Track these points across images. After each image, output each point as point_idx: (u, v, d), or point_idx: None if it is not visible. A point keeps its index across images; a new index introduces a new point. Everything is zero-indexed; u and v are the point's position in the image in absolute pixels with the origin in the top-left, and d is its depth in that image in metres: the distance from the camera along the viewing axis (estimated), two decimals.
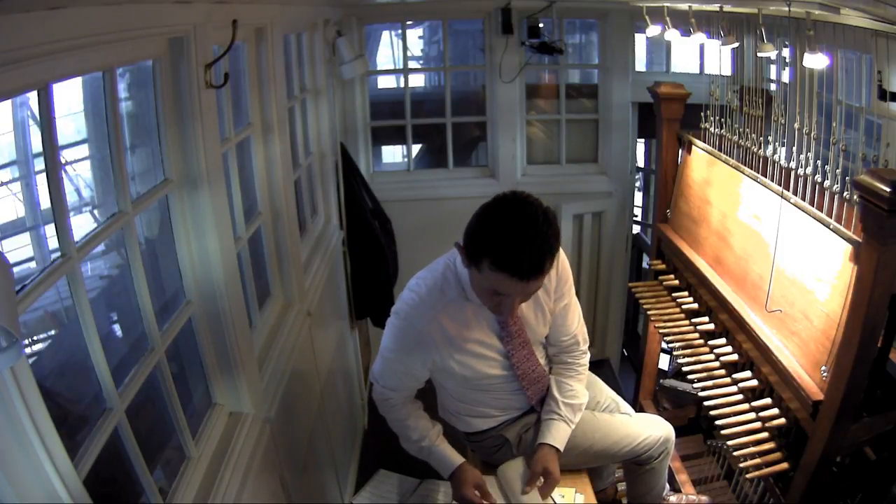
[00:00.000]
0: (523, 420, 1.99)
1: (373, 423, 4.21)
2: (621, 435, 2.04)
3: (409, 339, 1.72)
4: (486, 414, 1.96)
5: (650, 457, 2.10)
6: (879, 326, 1.76)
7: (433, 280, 1.72)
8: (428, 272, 1.77)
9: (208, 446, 1.80)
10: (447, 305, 1.70)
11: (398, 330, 1.73)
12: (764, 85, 2.73)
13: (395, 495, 3.49)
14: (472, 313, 1.74)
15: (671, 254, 2.96)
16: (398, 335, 1.74)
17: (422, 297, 1.70)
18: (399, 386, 1.84)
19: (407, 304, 1.72)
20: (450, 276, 1.71)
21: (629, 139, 4.59)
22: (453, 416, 2.02)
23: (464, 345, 1.75)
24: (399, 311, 1.73)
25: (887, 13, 1.89)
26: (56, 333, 1.53)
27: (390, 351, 1.77)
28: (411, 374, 1.81)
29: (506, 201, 1.52)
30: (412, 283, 1.76)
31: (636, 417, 2.13)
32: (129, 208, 1.47)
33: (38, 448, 1.08)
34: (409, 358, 1.76)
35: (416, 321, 1.70)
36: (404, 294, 1.75)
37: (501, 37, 4.26)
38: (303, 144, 3.25)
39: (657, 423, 2.14)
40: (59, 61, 1.18)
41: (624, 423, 2.08)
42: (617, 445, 2.04)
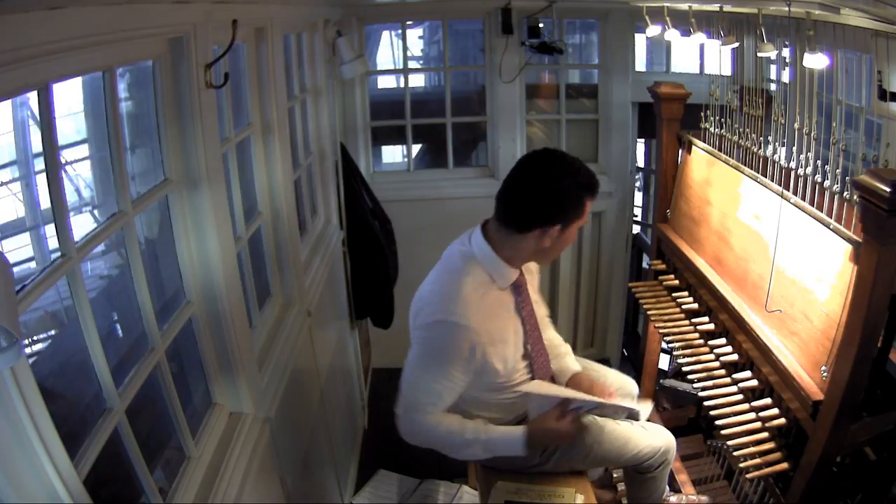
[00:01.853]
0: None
1: (373, 423, 4.22)
2: (622, 443, 2.03)
3: (457, 343, 1.65)
4: (498, 421, 1.89)
5: (650, 465, 2.10)
6: (879, 326, 1.76)
7: (458, 277, 1.69)
8: (446, 274, 1.73)
9: (208, 446, 1.80)
10: (480, 298, 1.68)
11: (444, 337, 1.65)
12: (764, 85, 2.73)
13: (395, 495, 3.51)
14: (500, 303, 1.74)
15: (671, 254, 2.96)
16: (445, 342, 1.66)
17: (455, 296, 1.66)
18: (437, 403, 1.73)
19: (444, 307, 1.65)
20: (475, 269, 1.70)
21: (629, 139, 4.59)
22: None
23: (499, 337, 1.74)
24: (439, 320, 1.65)
25: (887, 13, 1.89)
26: (56, 333, 1.53)
27: (436, 364, 1.68)
28: (456, 383, 1.71)
29: (558, 159, 1.66)
30: (435, 289, 1.71)
31: (638, 426, 2.11)
32: (129, 208, 1.47)
33: (38, 448, 1.08)
34: (462, 364, 1.67)
35: (460, 320, 1.63)
36: (432, 303, 1.68)
37: (501, 37, 4.26)
38: (303, 144, 3.25)
39: (659, 432, 2.13)
40: (59, 61, 1.18)
41: (626, 431, 2.07)
42: (616, 452, 2.04)
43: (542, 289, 2.01)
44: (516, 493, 1.99)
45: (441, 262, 1.82)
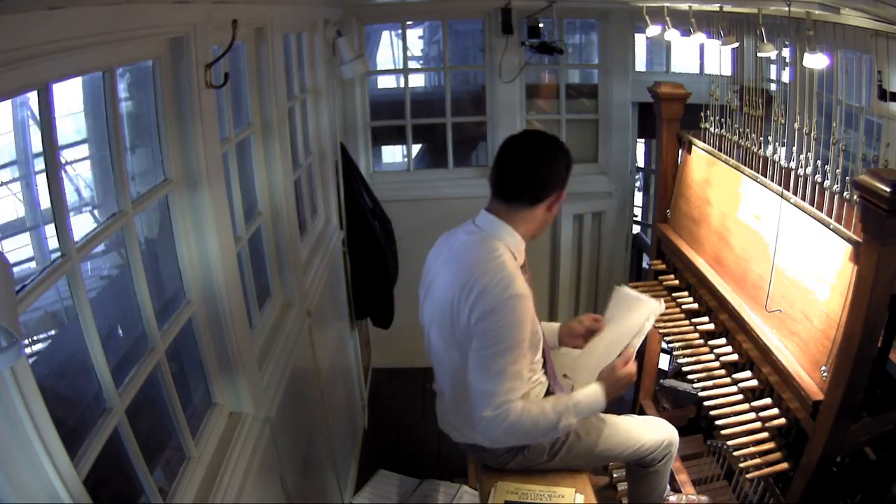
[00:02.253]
0: None
1: (373, 423, 4.22)
2: (625, 437, 2.06)
3: (526, 314, 1.73)
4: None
5: (653, 459, 2.12)
6: (879, 326, 1.76)
7: (498, 256, 1.76)
8: (482, 258, 1.76)
9: (208, 446, 1.80)
10: (519, 272, 1.78)
11: (518, 310, 1.70)
12: (764, 85, 2.73)
13: (395, 495, 3.51)
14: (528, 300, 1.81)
15: (671, 254, 2.96)
16: (519, 315, 1.70)
17: (508, 270, 1.73)
18: (519, 387, 1.74)
19: (506, 282, 1.71)
20: (500, 247, 1.78)
21: (629, 139, 4.59)
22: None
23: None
24: (510, 295, 1.69)
25: (887, 13, 1.89)
26: (56, 333, 1.53)
27: (516, 342, 1.71)
28: (527, 356, 1.77)
29: (548, 137, 1.87)
30: (488, 272, 1.73)
31: (640, 419, 2.16)
32: (129, 208, 1.47)
33: (38, 448, 1.08)
34: (529, 335, 1.75)
35: (523, 291, 1.72)
36: (491, 280, 1.71)
37: (501, 37, 4.25)
38: (303, 144, 3.24)
39: (661, 426, 2.16)
40: (59, 61, 1.18)
41: (628, 425, 2.10)
42: (620, 447, 2.06)
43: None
44: (516, 493, 1.99)
45: (451, 256, 1.84)
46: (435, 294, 1.88)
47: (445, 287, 1.82)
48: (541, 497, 1.98)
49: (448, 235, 1.94)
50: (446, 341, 1.87)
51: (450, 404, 2.00)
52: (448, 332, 1.84)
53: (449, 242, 1.90)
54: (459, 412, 1.96)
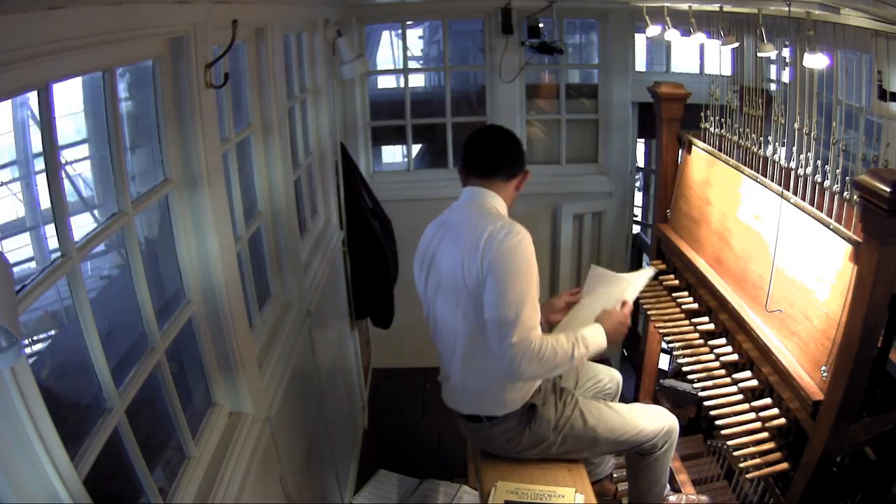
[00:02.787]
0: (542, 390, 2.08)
1: (373, 423, 4.22)
2: (627, 420, 2.13)
3: (532, 250, 1.86)
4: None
5: (654, 446, 2.17)
6: (879, 326, 1.76)
7: (497, 211, 1.96)
8: (486, 211, 1.94)
9: (208, 446, 1.80)
10: None
11: (528, 248, 1.85)
12: (764, 85, 2.73)
13: (395, 495, 3.51)
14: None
15: (671, 254, 2.96)
16: (529, 253, 1.85)
17: (509, 219, 1.91)
18: (537, 316, 1.85)
19: (510, 223, 1.87)
20: (495, 208, 1.97)
21: (629, 139, 4.59)
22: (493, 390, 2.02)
23: None
24: (513, 233, 1.84)
25: (887, 13, 1.89)
26: (56, 333, 1.53)
27: (531, 275, 1.84)
28: (538, 291, 1.88)
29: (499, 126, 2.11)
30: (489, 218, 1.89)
31: (640, 407, 2.22)
32: (129, 208, 1.47)
33: (38, 448, 1.08)
34: (536, 267, 1.87)
35: (525, 231, 1.88)
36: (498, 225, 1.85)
37: (501, 37, 4.25)
38: (303, 144, 3.25)
39: (662, 413, 2.23)
40: (59, 61, 1.18)
41: (630, 410, 2.17)
42: (622, 429, 2.12)
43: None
44: (516, 493, 1.99)
45: (454, 231, 1.95)
46: (441, 267, 1.96)
47: (454, 255, 1.90)
48: (541, 497, 1.98)
49: (439, 220, 2.03)
50: (456, 308, 1.94)
51: (459, 376, 2.03)
52: (458, 298, 1.91)
53: (445, 224, 2.00)
54: (468, 381, 2.01)
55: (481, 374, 1.97)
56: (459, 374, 2.03)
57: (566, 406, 2.09)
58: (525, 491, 2.00)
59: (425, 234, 2.05)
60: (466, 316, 1.91)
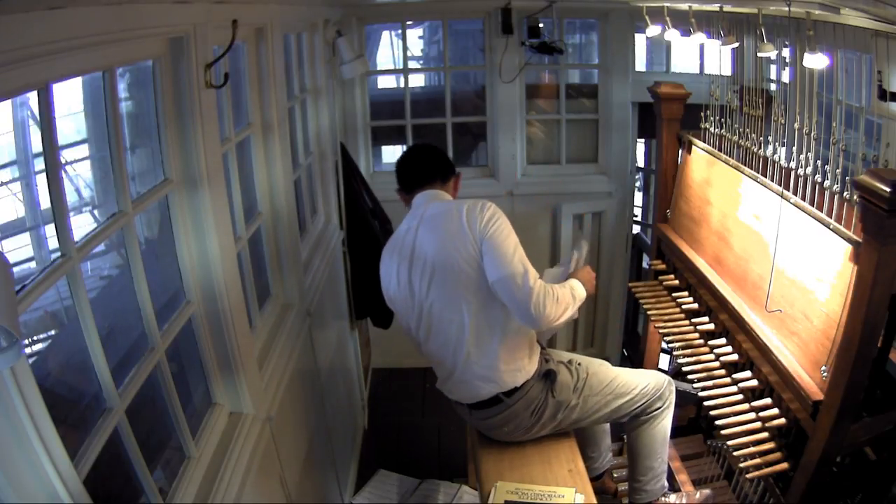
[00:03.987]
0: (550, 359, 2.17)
1: (373, 423, 4.22)
2: (634, 376, 2.27)
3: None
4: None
5: (659, 398, 2.28)
6: (879, 326, 1.76)
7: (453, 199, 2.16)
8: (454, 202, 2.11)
9: (208, 446, 1.80)
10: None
11: (496, 208, 2.01)
12: (764, 85, 2.73)
13: (395, 495, 3.52)
14: None
15: (671, 254, 2.96)
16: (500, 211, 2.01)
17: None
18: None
19: (482, 200, 2.02)
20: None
21: (629, 139, 4.58)
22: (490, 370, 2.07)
23: None
24: (490, 204, 2.00)
25: (887, 13, 1.89)
26: (56, 333, 1.53)
27: (513, 234, 1.98)
28: None
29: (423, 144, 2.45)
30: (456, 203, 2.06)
31: (633, 370, 2.36)
32: (129, 208, 1.47)
33: (38, 448, 1.08)
34: None
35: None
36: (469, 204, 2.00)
37: (501, 37, 4.25)
38: (303, 144, 3.25)
39: (654, 373, 2.36)
40: (59, 61, 1.18)
41: (623, 372, 2.29)
42: (633, 384, 2.24)
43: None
44: (516, 492, 1.99)
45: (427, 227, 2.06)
46: (428, 256, 2.02)
47: (439, 241, 2.00)
48: (541, 497, 1.98)
49: (399, 235, 2.16)
50: (456, 292, 1.99)
51: (467, 364, 2.05)
52: (458, 278, 1.97)
53: (409, 228, 2.12)
54: (480, 364, 2.04)
55: (492, 351, 2.02)
56: (467, 362, 2.04)
57: (579, 369, 2.20)
58: (525, 491, 2.00)
59: (390, 245, 2.17)
60: (470, 293, 1.98)
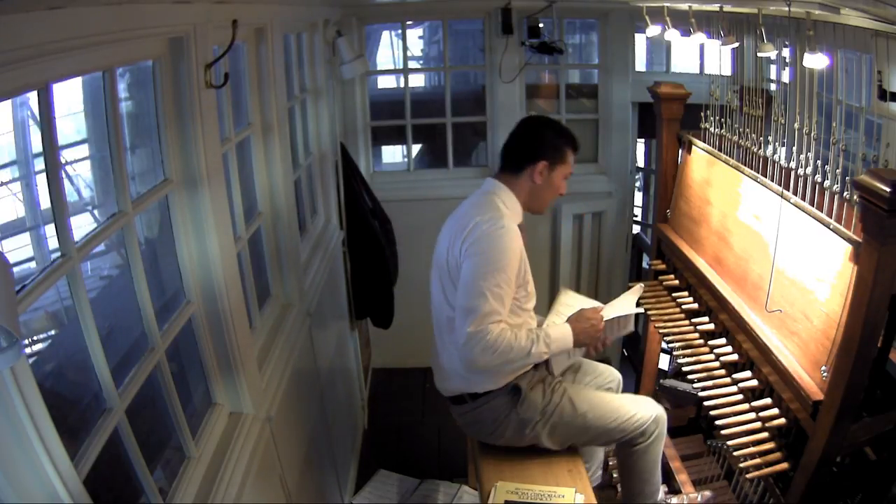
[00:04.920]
0: (528, 375, 2.12)
1: (373, 423, 4.22)
2: (615, 407, 2.16)
3: (514, 245, 1.91)
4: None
5: (641, 434, 2.19)
6: (879, 326, 1.76)
7: (495, 204, 1.99)
8: (484, 203, 2.00)
9: (208, 446, 1.80)
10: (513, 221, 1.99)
11: (505, 239, 1.89)
12: (764, 85, 2.73)
13: (395, 495, 3.52)
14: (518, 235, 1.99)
15: (671, 254, 2.96)
16: (505, 244, 1.89)
17: (501, 212, 1.96)
18: (501, 310, 1.88)
19: (498, 218, 1.92)
20: (496, 201, 2.01)
21: (629, 139, 4.58)
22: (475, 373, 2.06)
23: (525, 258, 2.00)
24: (500, 226, 1.89)
25: (887, 13, 1.89)
26: (56, 333, 1.53)
27: (499, 268, 1.87)
28: (511, 289, 1.92)
29: (543, 117, 2.18)
30: (485, 210, 1.95)
31: (627, 396, 2.28)
32: (129, 208, 1.47)
33: (38, 448, 1.08)
34: (516, 265, 1.92)
35: (513, 227, 1.93)
36: (485, 217, 1.92)
37: (501, 37, 4.25)
38: (303, 144, 3.25)
39: (648, 402, 2.27)
40: (59, 61, 1.18)
41: (615, 398, 2.22)
42: (610, 417, 2.14)
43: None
44: (516, 493, 1.99)
45: (465, 202, 2.06)
46: (437, 247, 2.06)
47: (446, 238, 2.01)
48: (541, 497, 1.98)
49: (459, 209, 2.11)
50: (441, 288, 2.03)
51: (444, 354, 2.11)
52: (442, 277, 2.00)
53: (456, 209, 2.10)
54: (452, 359, 2.07)
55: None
56: (444, 349, 2.11)
57: (555, 392, 2.12)
58: (525, 491, 2.00)
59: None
60: (449, 291, 1.99)
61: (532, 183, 2.04)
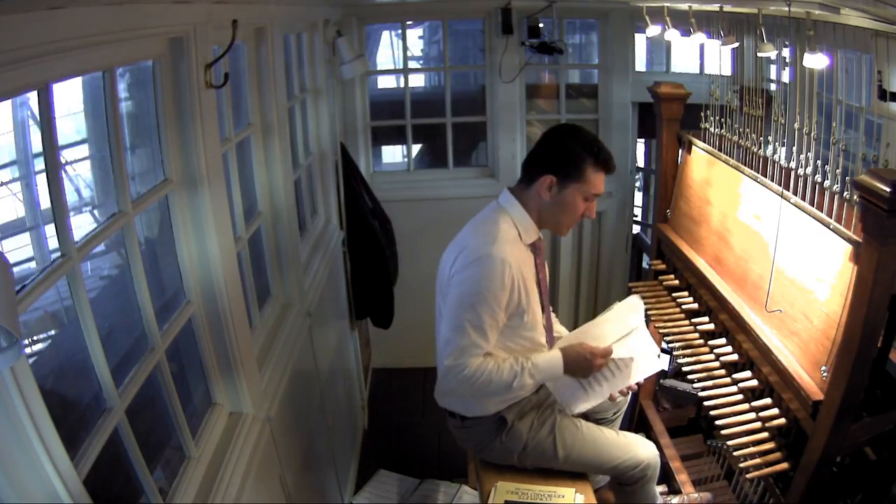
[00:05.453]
0: (521, 403, 2.03)
1: (373, 423, 4.22)
2: (598, 454, 2.06)
3: (501, 276, 1.77)
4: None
5: (630, 478, 2.12)
6: (879, 326, 1.76)
7: (493, 225, 1.85)
8: (480, 225, 1.88)
9: (208, 446, 1.80)
10: (513, 244, 1.84)
11: (489, 270, 1.76)
12: (764, 85, 2.73)
13: (395, 495, 3.52)
14: (525, 253, 1.88)
15: (671, 254, 2.96)
16: (489, 275, 1.76)
17: (495, 237, 1.81)
18: (483, 344, 1.79)
19: (487, 245, 1.79)
20: (506, 219, 1.87)
21: (629, 139, 4.59)
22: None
23: (527, 285, 1.86)
24: (485, 254, 1.77)
25: (887, 13, 1.89)
26: (56, 333, 1.53)
27: (481, 300, 1.76)
28: (497, 321, 1.81)
29: (569, 126, 1.97)
30: (472, 234, 1.85)
31: (621, 437, 2.14)
32: (129, 208, 1.47)
33: (38, 448, 1.08)
34: (503, 299, 1.79)
35: (503, 255, 1.78)
36: (473, 244, 1.81)
37: (501, 37, 4.25)
38: (303, 144, 3.25)
39: (642, 445, 2.16)
40: (59, 61, 1.18)
41: (606, 438, 2.09)
42: (591, 464, 2.08)
43: None
44: (516, 493, 1.99)
45: (473, 219, 1.95)
46: (439, 268, 1.97)
47: (445, 258, 1.92)
48: (541, 497, 1.98)
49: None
50: (440, 309, 1.95)
51: (440, 368, 2.01)
52: (441, 301, 1.93)
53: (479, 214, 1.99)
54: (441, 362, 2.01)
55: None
56: (440, 367, 2.03)
57: (543, 425, 2.03)
58: (525, 491, 2.00)
59: None
60: (441, 317, 1.92)
61: (540, 199, 1.86)
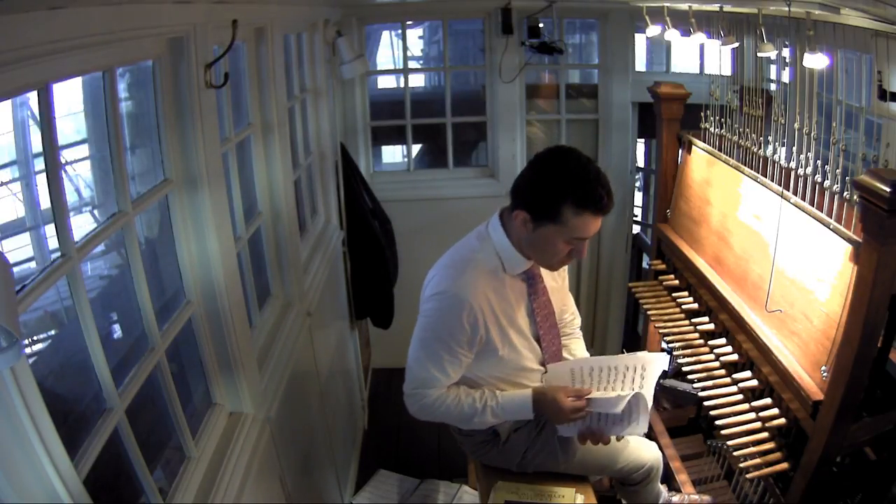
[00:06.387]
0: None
1: (373, 423, 4.22)
2: (605, 452, 2.02)
3: (458, 316, 1.64)
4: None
5: (634, 479, 2.11)
6: (879, 326, 1.76)
7: (469, 253, 1.72)
8: (459, 249, 1.76)
9: (208, 446, 1.80)
10: (489, 277, 1.69)
11: (446, 309, 1.66)
12: (764, 85, 2.73)
13: (395, 495, 3.52)
14: (510, 287, 1.75)
15: (671, 254, 2.96)
16: (447, 314, 1.66)
17: (462, 270, 1.68)
18: (442, 378, 1.74)
19: (450, 280, 1.67)
20: (487, 248, 1.72)
21: (629, 139, 4.59)
22: None
23: (506, 320, 1.75)
24: (442, 291, 1.67)
25: (887, 13, 1.89)
26: (56, 333, 1.53)
27: (437, 337, 1.69)
28: (458, 358, 1.72)
29: (560, 153, 1.63)
30: (446, 262, 1.73)
31: (624, 439, 2.06)
32: (129, 208, 1.47)
33: (38, 448, 1.08)
34: (462, 338, 1.68)
35: (463, 294, 1.64)
36: (440, 274, 1.70)
37: (501, 37, 4.25)
38: (303, 144, 3.25)
39: (646, 447, 2.14)
40: (59, 61, 1.18)
41: (607, 450, 2.03)
42: (600, 462, 2.05)
43: None
44: (516, 492, 1.99)
45: (461, 240, 1.82)
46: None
47: (430, 271, 1.82)
48: (541, 497, 1.98)
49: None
50: None
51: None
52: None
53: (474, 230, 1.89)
54: None
55: None
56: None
57: (541, 434, 1.95)
58: (525, 491, 2.00)
59: None
60: None
61: (519, 232, 1.66)
